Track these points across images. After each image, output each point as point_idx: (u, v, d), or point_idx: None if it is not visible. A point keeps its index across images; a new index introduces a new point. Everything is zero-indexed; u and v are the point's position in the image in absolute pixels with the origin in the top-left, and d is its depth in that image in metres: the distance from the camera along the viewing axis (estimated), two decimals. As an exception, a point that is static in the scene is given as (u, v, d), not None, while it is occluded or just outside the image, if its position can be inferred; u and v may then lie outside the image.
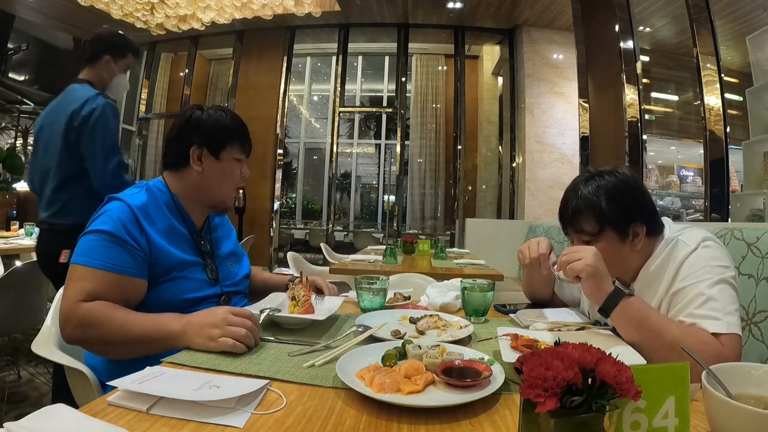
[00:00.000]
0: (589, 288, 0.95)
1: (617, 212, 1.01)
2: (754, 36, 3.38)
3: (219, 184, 1.17)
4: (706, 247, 0.95)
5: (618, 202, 1.01)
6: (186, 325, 0.88)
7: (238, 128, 1.20)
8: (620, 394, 0.42)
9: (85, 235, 1.01)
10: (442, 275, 1.92)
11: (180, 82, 8.98)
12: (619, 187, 1.02)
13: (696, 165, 5.04)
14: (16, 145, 8.98)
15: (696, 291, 0.90)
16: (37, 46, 9.13)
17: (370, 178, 10.35)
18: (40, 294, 2.11)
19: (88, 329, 0.91)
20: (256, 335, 0.87)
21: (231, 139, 1.17)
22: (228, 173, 1.18)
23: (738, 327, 0.86)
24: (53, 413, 0.54)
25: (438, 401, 0.64)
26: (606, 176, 1.04)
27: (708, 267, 0.92)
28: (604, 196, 1.01)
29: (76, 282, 0.95)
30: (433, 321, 1.03)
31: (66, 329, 0.93)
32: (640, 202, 1.04)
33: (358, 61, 9.66)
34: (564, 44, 6.89)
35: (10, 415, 1.98)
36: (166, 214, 1.11)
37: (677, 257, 0.96)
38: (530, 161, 6.75)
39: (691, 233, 0.99)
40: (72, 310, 0.92)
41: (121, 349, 0.93)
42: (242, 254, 1.34)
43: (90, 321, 0.91)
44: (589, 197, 1.02)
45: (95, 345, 0.95)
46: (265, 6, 6.41)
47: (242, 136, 1.21)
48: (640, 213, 1.02)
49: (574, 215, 1.05)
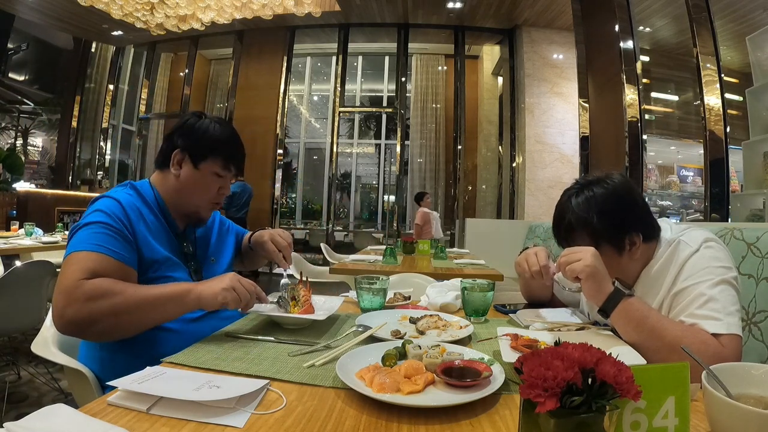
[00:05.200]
0: (588, 288, 0.95)
1: (611, 227, 0.99)
2: (754, 36, 3.38)
3: (191, 193, 1.13)
4: (709, 248, 0.95)
5: (610, 217, 0.99)
6: (197, 284, 0.97)
7: (227, 143, 1.15)
8: (620, 394, 0.42)
9: (79, 229, 1.00)
10: (442, 275, 1.91)
11: (180, 82, 8.98)
12: (610, 200, 1.00)
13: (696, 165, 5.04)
14: (16, 145, 8.98)
15: (697, 291, 0.90)
16: (37, 46, 9.13)
17: (370, 178, 10.35)
18: (40, 294, 2.11)
19: (98, 301, 0.88)
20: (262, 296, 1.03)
21: (215, 153, 1.13)
22: (202, 185, 1.13)
23: (738, 328, 0.86)
24: (53, 413, 0.54)
25: (438, 401, 0.64)
26: (595, 188, 1.02)
27: (710, 268, 0.92)
28: (596, 212, 0.99)
29: (75, 265, 0.92)
30: (433, 321, 1.03)
31: (70, 308, 0.88)
32: (633, 211, 1.01)
33: (358, 61, 9.66)
34: (564, 44, 6.89)
35: (10, 415, 1.98)
36: (150, 212, 1.11)
37: (679, 258, 0.96)
38: (530, 161, 6.75)
39: (694, 234, 0.99)
40: (76, 287, 0.89)
41: (133, 318, 0.91)
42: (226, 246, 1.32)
43: (99, 293, 0.89)
44: (581, 214, 1.00)
45: (105, 319, 0.89)
46: (265, 6, 6.40)
47: (229, 152, 1.15)
48: (634, 223, 1.00)
49: (567, 232, 1.04)
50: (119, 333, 0.94)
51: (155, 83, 9.47)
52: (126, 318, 0.91)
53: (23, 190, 6.18)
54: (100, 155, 9.09)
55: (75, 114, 8.75)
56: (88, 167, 9.05)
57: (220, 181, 1.16)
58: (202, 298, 0.95)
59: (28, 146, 9.54)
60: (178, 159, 1.13)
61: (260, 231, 1.35)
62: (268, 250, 1.26)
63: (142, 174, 9.02)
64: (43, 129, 9.78)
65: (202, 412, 0.58)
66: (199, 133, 1.13)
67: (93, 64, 9.06)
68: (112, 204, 1.04)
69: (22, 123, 9.26)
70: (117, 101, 9.38)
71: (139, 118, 9.43)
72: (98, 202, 1.06)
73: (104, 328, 0.91)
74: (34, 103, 9.13)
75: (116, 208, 1.03)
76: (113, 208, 1.02)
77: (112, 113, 9.20)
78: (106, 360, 1.00)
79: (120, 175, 9.52)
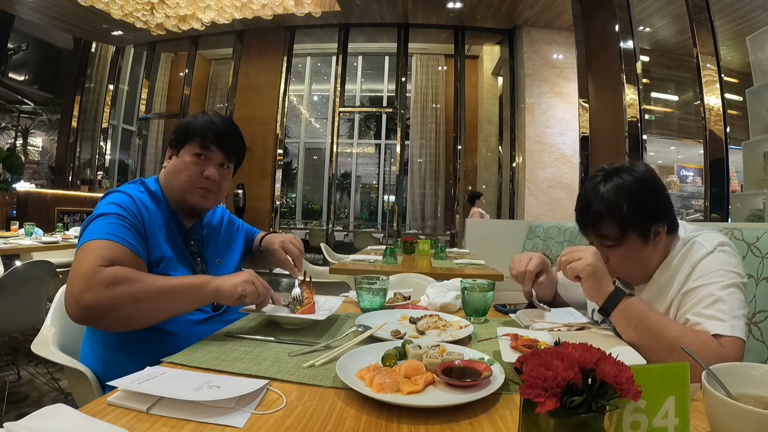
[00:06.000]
0: (589, 288, 0.95)
1: (639, 216, 0.97)
2: (754, 36, 3.38)
3: (175, 179, 1.13)
4: (723, 252, 0.95)
5: (640, 205, 0.97)
6: (215, 277, 0.98)
7: (205, 126, 1.14)
8: (620, 394, 0.42)
9: (93, 219, 1.00)
10: (442, 275, 1.91)
11: (180, 82, 8.98)
12: (639, 188, 0.99)
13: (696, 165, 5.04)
14: (16, 145, 8.99)
15: (706, 291, 0.90)
16: (37, 46, 9.13)
17: (370, 178, 10.35)
18: (40, 294, 2.11)
19: (118, 287, 0.87)
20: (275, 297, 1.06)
21: (193, 136, 1.13)
22: (181, 168, 1.13)
23: (742, 332, 0.86)
24: (53, 413, 0.54)
25: (438, 401, 0.64)
26: (623, 175, 1.00)
27: (722, 271, 0.92)
28: (626, 200, 0.97)
29: (92, 252, 0.91)
30: (433, 321, 1.03)
31: (88, 293, 0.86)
32: (660, 200, 1.01)
33: (358, 61, 9.66)
34: (564, 44, 6.89)
35: (10, 415, 1.98)
36: (158, 210, 1.12)
37: (693, 257, 0.96)
38: (530, 161, 6.75)
39: (710, 236, 0.99)
40: (96, 272, 0.88)
41: (151, 307, 0.91)
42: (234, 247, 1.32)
43: (119, 279, 0.88)
44: (611, 201, 0.98)
45: (125, 305, 0.88)
46: (265, 6, 6.41)
47: (206, 132, 1.13)
48: (660, 213, 1.00)
49: (595, 220, 1.01)
50: (135, 322, 0.93)
51: (155, 83, 9.48)
52: (145, 306, 0.90)
53: (23, 190, 6.18)
54: (100, 155, 9.10)
55: (75, 114, 8.76)
56: (88, 167, 9.06)
57: (202, 163, 1.13)
58: (221, 289, 0.96)
59: (28, 146, 9.55)
60: (168, 154, 1.17)
61: (271, 235, 1.34)
62: (278, 258, 1.27)
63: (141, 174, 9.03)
64: (43, 129, 9.79)
65: (202, 412, 0.58)
66: (183, 125, 1.16)
67: (93, 64, 9.07)
68: (124, 198, 1.05)
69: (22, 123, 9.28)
70: (117, 101, 9.38)
71: (139, 118, 9.43)
72: (110, 195, 1.07)
73: (122, 315, 0.89)
74: (34, 103, 9.14)
75: (128, 202, 1.04)
76: (126, 202, 1.04)
77: (112, 113, 9.21)
78: (109, 361, 1.00)
79: (120, 175, 9.53)
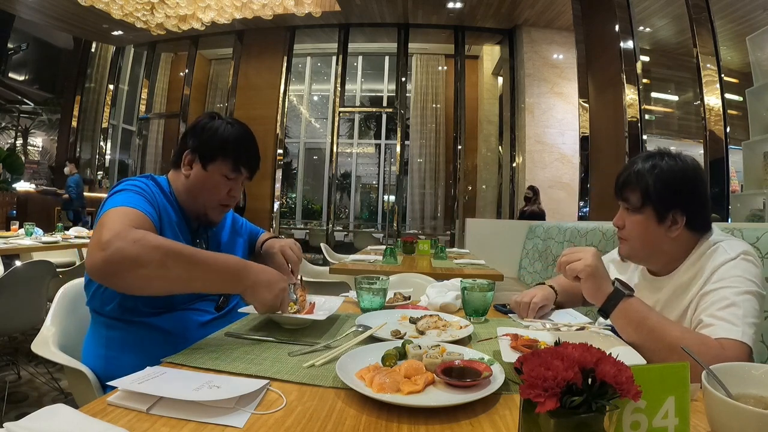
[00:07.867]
0: (588, 288, 0.95)
1: (661, 194, 1.01)
2: (754, 36, 3.38)
3: (199, 194, 1.12)
4: (745, 261, 0.96)
5: (666, 186, 1.01)
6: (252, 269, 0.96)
7: (237, 145, 1.12)
8: (620, 394, 0.42)
9: (116, 193, 0.99)
10: (442, 275, 1.91)
11: (180, 82, 8.98)
12: (672, 172, 1.02)
13: (696, 165, 5.03)
14: (16, 145, 8.99)
15: (722, 294, 0.91)
16: (37, 46, 9.14)
17: (370, 178, 10.35)
18: (40, 294, 2.11)
19: (147, 246, 0.84)
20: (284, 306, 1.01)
21: (224, 154, 1.10)
22: (209, 186, 1.11)
23: (750, 339, 0.86)
24: (53, 413, 0.54)
25: (438, 401, 0.64)
26: (666, 158, 1.04)
27: (742, 278, 0.93)
28: (655, 176, 1.02)
29: (120, 216, 0.90)
30: (433, 321, 1.03)
31: (119, 242, 0.82)
32: (691, 193, 1.03)
33: (358, 61, 9.66)
34: (564, 44, 6.89)
35: (10, 415, 1.97)
36: (169, 205, 1.11)
37: (715, 261, 0.97)
38: (530, 161, 6.75)
39: (735, 243, 1.00)
40: (128, 229, 0.85)
41: (179, 273, 0.87)
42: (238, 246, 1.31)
43: (152, 240, 0.86)
44: (643, 174, 1.04)
45: (152, 264, 0.84)
46: (265, 6, 6.41)
47: (239, 154, 1.12)
48: (685, 203, 1.01)
49: (624, 184, 1.08)
50: (154, 285, 0.88)
51: (155, 83, 9.48)
52: (172, 271, 0.87)
53: (23, 190, 6.19)
54: (100, 155, 9.11)
55: (75, 114, 8.77)
56: (88, 167, 9.06)
57: (230, 184, 1.12)
58: (257, 291, 0.94)
59: (28, 146, 9.56)
60: (189, 159, 1.12)
61: (272, 240, 1.34)
62: (277, 263, 1.26)
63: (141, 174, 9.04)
64: (43, 129, 9.79)
65: (202, 412, 0.58)
66: (209, 134, 1.11)
67: (93, 64, 9.08)
68: (141, 182, 1.05)
69: (22, 123, 9.28)
70: (117, 101, 9.39)
71: (139, 118, 9.43)
72: (126, 181, 1.06)
73: (146, 274, 0.85)
74: (34, 103, 9.14)
75: (146, 187, 1.05)
76: (143, 186, 1.04)
77: (112, 113, 9.22)
78: (111, 359, 1.00)
79: (120, 175, 9.53)
